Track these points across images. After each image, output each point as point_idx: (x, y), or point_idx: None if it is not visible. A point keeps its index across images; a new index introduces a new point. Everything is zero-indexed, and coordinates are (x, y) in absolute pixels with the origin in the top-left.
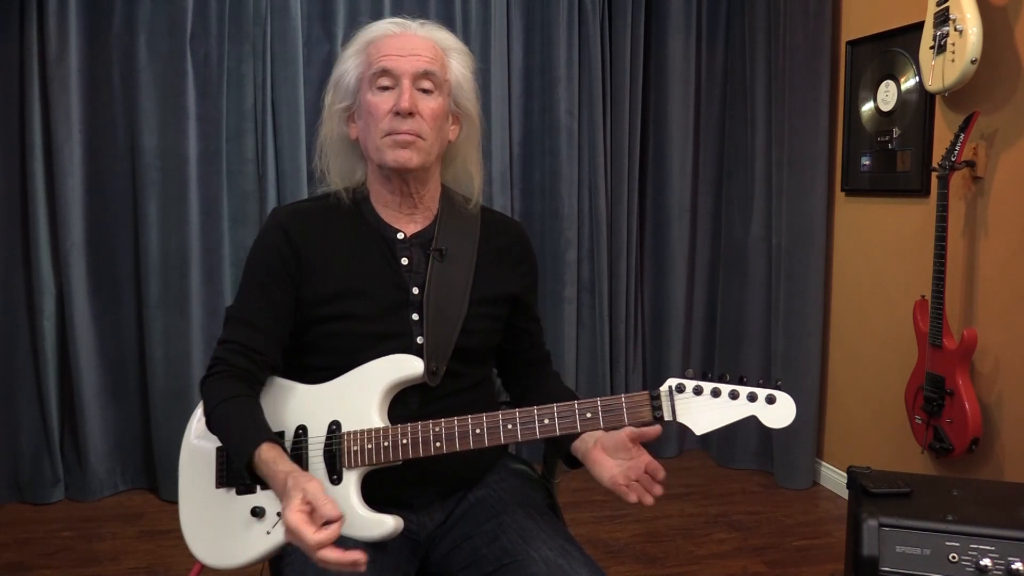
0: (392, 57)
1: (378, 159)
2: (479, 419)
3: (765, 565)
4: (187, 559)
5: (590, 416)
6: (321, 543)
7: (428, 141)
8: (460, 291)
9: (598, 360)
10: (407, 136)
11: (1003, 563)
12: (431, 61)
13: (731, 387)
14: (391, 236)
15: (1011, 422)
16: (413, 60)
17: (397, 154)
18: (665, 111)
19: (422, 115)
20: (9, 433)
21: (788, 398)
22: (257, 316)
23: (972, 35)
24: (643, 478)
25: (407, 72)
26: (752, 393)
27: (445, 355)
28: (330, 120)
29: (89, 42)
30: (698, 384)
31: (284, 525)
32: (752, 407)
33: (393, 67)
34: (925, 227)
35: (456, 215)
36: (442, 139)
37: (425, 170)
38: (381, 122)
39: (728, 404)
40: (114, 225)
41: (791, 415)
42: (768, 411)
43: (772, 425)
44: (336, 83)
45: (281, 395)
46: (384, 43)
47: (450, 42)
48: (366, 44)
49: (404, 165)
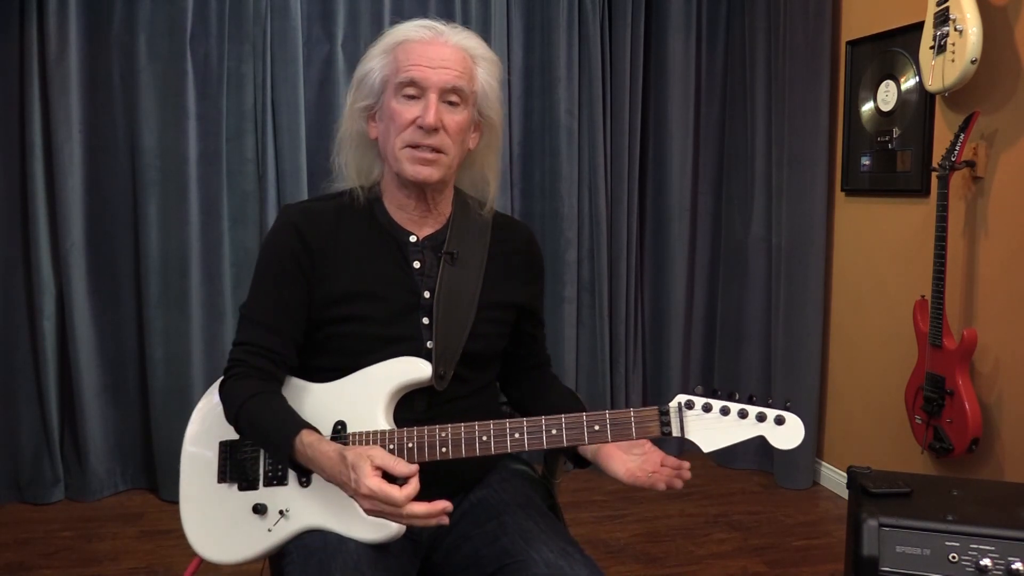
0: (421, 68)
1: (396, 168)
2: (486, 427)
3: (765, 565)
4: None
5: (598, 429)
6: (409, 496)
7: (450, 156)
8: (469, 295)
9: (598, 360)
10: (429, 155)
11: (1003, 563)
12: (459, 76)
13: (740, 406)
14: (403, 239)
15: (1011, 422)
16: (442, 73)
17: (417, 170)
18: (665, 111)
19: (446, 129)
20: (9, 433)
21: (797, 420)
22: (273, 317)
23: (972, 35)
24: (662, 469)
25: (435, 86)
26: (761, 413)
27: (453, 359)
28: (351, 117)
29: (89, 42)
30: (707, 402)
31: (362, 493)
32: (760, 427)
33: (422, 78)
34: (925, 227)
35: (468, 218)
36: (463, 150)
37: (444, 182)
38: (404, 132)
39: (736, 423)
40: (114, 225)
41: (799, 437)
42: (776, 432)
43: (780, 446)
44: (360, 81)
45: (287, 393)
46: (414, 49)
47: (480, 51)
48: (394, 46)
49: (425, 181)
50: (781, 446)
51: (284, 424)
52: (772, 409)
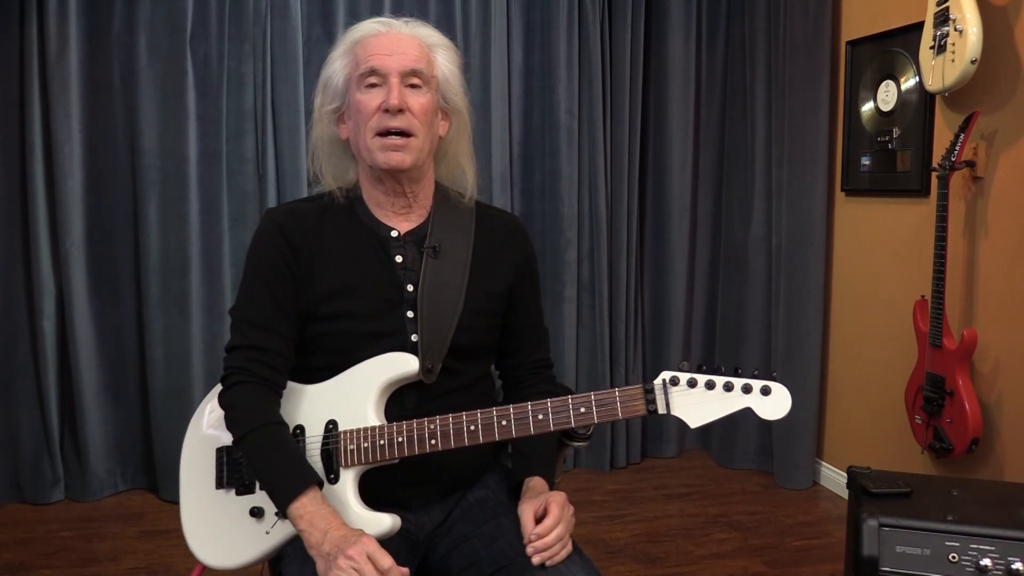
0: (379, 56)
1: (370, 160)
2: (473, 416)
3: (765, 565)
4: (187, 559)
5: (584, 411)
6: None
7: (419, 138)
8: (456, 287)
9: (598, 360)
10: (398, 140)
11: (1003, 563)
12: (417, 59)
13: (725, 379)
14: (384, 234)
15: (1011, 422)
16: (400, 58)
17: (389, 156)
18: (665, 111)
19: (412, 111)
20: (9, 433)
21: (783, 389)
22: (268, 318)
23: (972, 35)
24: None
25: (394, 70)
26: (747, 385)
27: (441, 352)
28: (320, 122)
29: (89, 42)
30: (692, 376)
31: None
32: (747, 399)
33: (380, 65)
34: (925, 227)
35: (450, 211)
36: (433, 136)
37: (418, 168)
38: (371, 120)
39: (723, 396)
40: (114, 225)
41: (786, 406)
42: (763, 402)
43: (767, 417)
44: (325, 85)
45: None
46: (370, 43)
47: (435, 38)
48: (352, 45)
49: (397, 167)
50: (768, 416)
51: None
52: (757, 380)
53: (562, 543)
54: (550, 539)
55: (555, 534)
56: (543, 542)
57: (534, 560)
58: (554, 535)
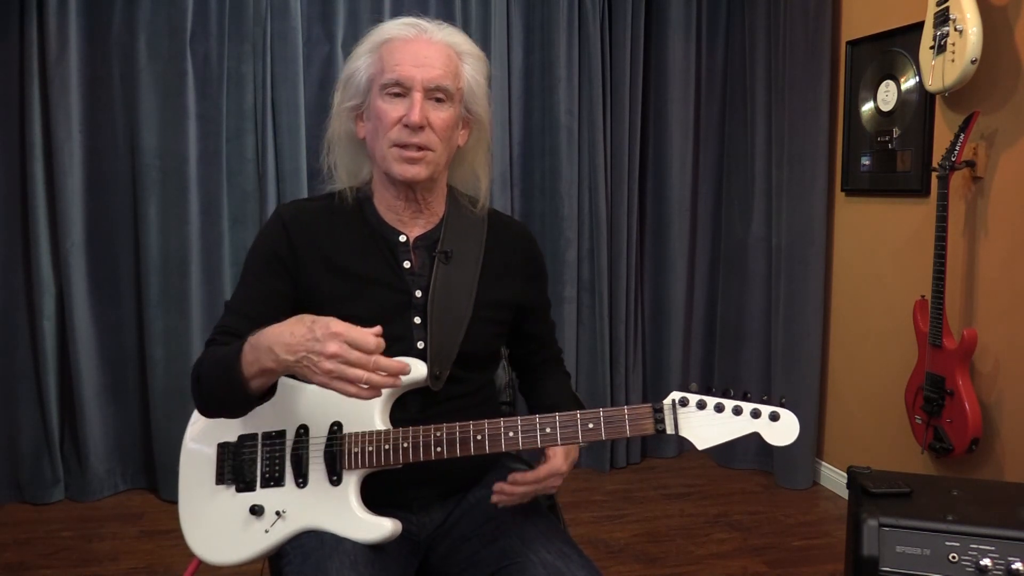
0: (405, 66)
1: (384, 168)
2: (481, 426)
3: (765, 565)
4: (187, 559)
5: (592, 427)
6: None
7: (437, 152)
8: (465, 294)
9: (598, 360)
10: (415, 153)
11: (1003, 563)
12: (443, 75)
13: (734, 403)
14: (393, 239)
15: (1011, 422)
16: (427, 71)
17: (404, 169)
18: (665, 111)
19: (432, 127)
20: (9, 433)
21: (791, 416)
22: (250, 305)
23: (972, 35)
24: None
25: (419, 84)
26: (756, 410)
27: (449, 359)
28: (338, 117)
29: (89, 42)
30: (701, 399)
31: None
32: (755, 424)
33: (406, 77)
34: (925, 227)
35: (462, 217)
36: (451, 148)
37: (433, 180)
38: (390, 131)
39: (731, 420)
40: (114, 225)
41: (794, 433)
42: (771, 428)
43: (774, 443)
44: (346, 81)
45: (284, 394)
46: (397, 48)
47: (466, 47)
48: (378, 45)
49: (412, 180)
50: (776, 443)
51: (229, 352)
52: (767, 406)
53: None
54: (517, 492)
55: (522, 490)
56: (512, 489)
57: (492, 498)
58: (522, 490)
